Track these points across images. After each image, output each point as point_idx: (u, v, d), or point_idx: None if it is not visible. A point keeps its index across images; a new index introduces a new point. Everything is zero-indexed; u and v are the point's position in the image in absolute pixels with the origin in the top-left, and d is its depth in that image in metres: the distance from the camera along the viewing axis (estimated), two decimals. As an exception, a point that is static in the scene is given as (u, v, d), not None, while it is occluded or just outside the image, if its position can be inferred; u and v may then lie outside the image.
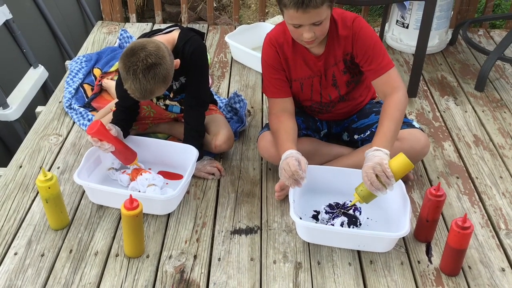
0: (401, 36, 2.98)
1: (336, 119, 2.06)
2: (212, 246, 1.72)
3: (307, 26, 1.64)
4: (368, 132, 1.96)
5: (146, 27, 3.22)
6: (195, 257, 1.67)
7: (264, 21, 3.28)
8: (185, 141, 1.97)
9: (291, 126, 1.84)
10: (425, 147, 1.89)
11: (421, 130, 1.92)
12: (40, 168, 2.00)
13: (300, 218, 1.70)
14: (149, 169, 1.97)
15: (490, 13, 3.29)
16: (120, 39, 2.89)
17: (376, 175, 1.58)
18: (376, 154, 1.63)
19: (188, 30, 1.92)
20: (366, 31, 1.77)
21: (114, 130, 1.85)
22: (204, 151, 2.06)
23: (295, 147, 1.77)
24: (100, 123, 1.80)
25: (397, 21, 2.97)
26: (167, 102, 2.09)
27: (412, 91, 2.54)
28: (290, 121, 1.85)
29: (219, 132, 2.04)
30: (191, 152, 1.92)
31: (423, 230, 1.73)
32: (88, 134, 1.80)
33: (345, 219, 1.73)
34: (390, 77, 1.78)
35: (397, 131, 1.73)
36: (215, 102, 2.26)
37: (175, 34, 1.90)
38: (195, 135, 1.97)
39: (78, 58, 2.68)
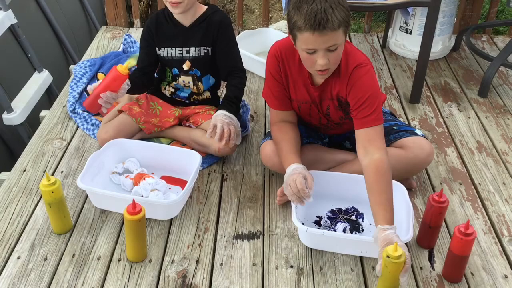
0: (404, 42, 2.98)
1: (338, 133, 2.05)
2: (214, 251, 1.72)
3: (321, 52, 1.57)
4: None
5: (150, 32, 3.23)
6: (197, 262, 1.67)
7: (267, 26, 3.28)
8: (221, 106, 1.99)
9: (294, 137, 1.82)
10: (430, 155, 1.88)
11: (424, 137, 1.92)
12: (44, 172, 2.01)
13: (303, 224, 1.70)
14: (152, 173, 1.97)
15: (494, 19, 3.29)
16: (124, 44, 2.91)
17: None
18: (388, 236, 1.52)
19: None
20: (364, 81, 1.69)
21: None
22: (207, 155, 2.08)
23: (299, 159, 1.75)
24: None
25: (400, 26, 2.98)
26: (180, 79, 2.11)
27: (415, 97, 2.54)
28: (293, 132, 1.84)
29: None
30: (194, 157, 1.92)
31: (426, 236, 1.72)
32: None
33: (348, 225, 1.73)
34: (376, 134, 1.68)
35: (391, 191, 1.62)
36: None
37: (204, 6, 2.04)
38: (234, 101, 2.01)
39: (82, 63, 2.69)
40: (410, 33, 2.92)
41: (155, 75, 2.20)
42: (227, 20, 2.04)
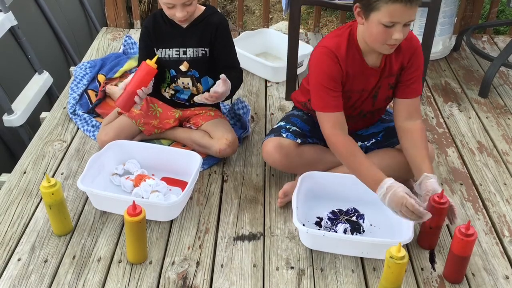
0: (404, 42, 2.98)
1: (359, 127, 2.04)
2: (215, 253, 1.72)
3: (400, 25, 1.59)
4: (373, 140, 1.95)
5: (150, 33, 3.23)
6: (197, 263, 1.67)
7: (268, 27, 3.28)
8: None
9: (358, 147, 1.76)
10: (431, 156, 1.89)
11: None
12: (44, 174, 2.01)
13: (303, 225, 1.70)
14: (153, 175, 1.97)
15: (494, 19, 3.29)
16: (124, 45, 2.91)
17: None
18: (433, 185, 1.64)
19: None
20: (421, 50, 1.80)
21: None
22: (208, 156, 2.08)
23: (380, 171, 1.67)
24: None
25: (400, 27, 2.97)
26: (179, 81, 2.10)
27: (415, 97, 2.54)
28: (354, 141, 1.76)
29: (223, 137, 2.04)
30: (194, 158, 1.92)
31: (427, 237, 1.72)
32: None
33: (348, 226, 1.73)
34: (418, 103, 1.83)
35: None
36: (218, 108, 2.26)
37: (202, 7, 2.04)
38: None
39: (82, 64, 2.69)
40: (411, 33, 2.92)
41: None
42: (225, 22, 2.05)
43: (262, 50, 2.94)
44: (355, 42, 1.74)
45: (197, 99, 1.94)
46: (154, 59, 1.92)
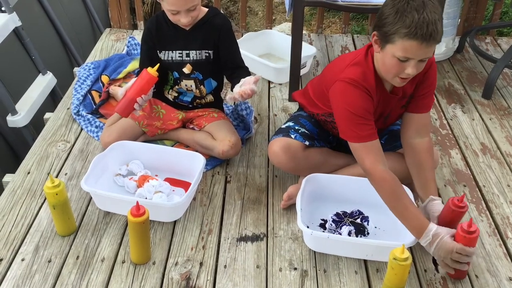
0: (408, 44, 2.98)
1: None
2: (218, 253, 1.72)
3: (415, 61, 1.54)
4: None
5: (153, 34, 3.23)
6: (201, 264, 1.67)
7: (271, 28, 3.29)
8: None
9: (403, 187, 1.66)
10: (435, 162, 1.89)
11: None
12: (48, 175, 2.01)
13: (307, 227, 1.70)
14: (156, 176, 1.97)
15: (498, 20, 3.28)
16: (128, 46, 2.91)
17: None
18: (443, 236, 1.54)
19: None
20: (435, 66, 1.77)
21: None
22: (211, 157, 2.08)
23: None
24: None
25: (404, 28, 2.97)
26: (182, 84, 2.10)
27: (419, 99, 2.54)
28: (399, 181, 1.65)
29: (226, 138, 2.04)
30: (198, 159, 1.92)
31: None
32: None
33: (353, 228, 1.73)
34: (428, 119, 1.81)
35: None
36: (221, 109, 2.27)
37: (205, 8, 2.04)
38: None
39: (86, 65, 2.70)
40: (414, 35, 2.92)
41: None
42: (228, 23, 2.05)
43: (265, 51, 2.94)
44: (375, 69, 1.69)
45: (229, 98, 1.89)
46: (156, 67, 1.91)
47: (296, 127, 1.93)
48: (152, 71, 1.90)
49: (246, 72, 2.05)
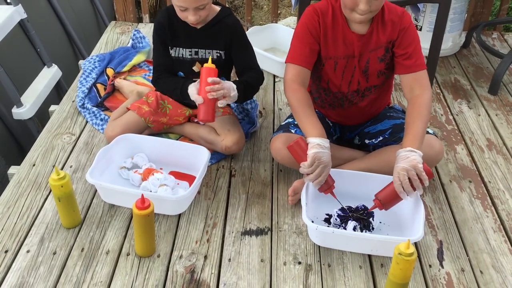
0: (414, 39, 2.96)
1: (348, 124, 2.04)
2: (222, 247, 1.72)
3: None
4: (381, 137, 1.94)
5: (159, 27, 3.23)
6: (205, 257, 1.68)
7: (276, 22, 3.28)
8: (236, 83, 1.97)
9: (311, 104, 1.80)
10: (439, 154, 1.88)
11: (435, 135, 1.90)
12: (53, 167, 2.02)
13: (312, 222, 1.70)
14: (161, 169, 1.97)
15: (505, 15, 3.26)
16: (133, 39, 2.91)
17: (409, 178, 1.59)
18: (410, 156, 1.62)
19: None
20: (414, 28, 1.81)
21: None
22: (214, 152, 2.07)
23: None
24: None
25: (410, 23, 2.96)
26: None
27: (424, 94, 2.53)
28: (310, 98, 1.81)
29: (229, 134, 2.04)
30: (203, 153, 1.92)
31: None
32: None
33: (358, 224, 1.72)
34: (422, 76, 1.80)
35: (425, 132, 1.73)
36: (228, 104, 2.25)
37: (217, 7, 2.02)
38: (243, 83, 1.98)
39: (91, 58, 2.69)
40: (420, 29, 2.90)
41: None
42: (240, 25, 2.03)
43: (270, 45, 2.93)
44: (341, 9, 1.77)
45: (221, 103, 1.89)
46: (209, 60, 1.88)
47: (296, 122, 1.93)
48: (209, 64, 1.86)
49: (257, 74, 2.05)
